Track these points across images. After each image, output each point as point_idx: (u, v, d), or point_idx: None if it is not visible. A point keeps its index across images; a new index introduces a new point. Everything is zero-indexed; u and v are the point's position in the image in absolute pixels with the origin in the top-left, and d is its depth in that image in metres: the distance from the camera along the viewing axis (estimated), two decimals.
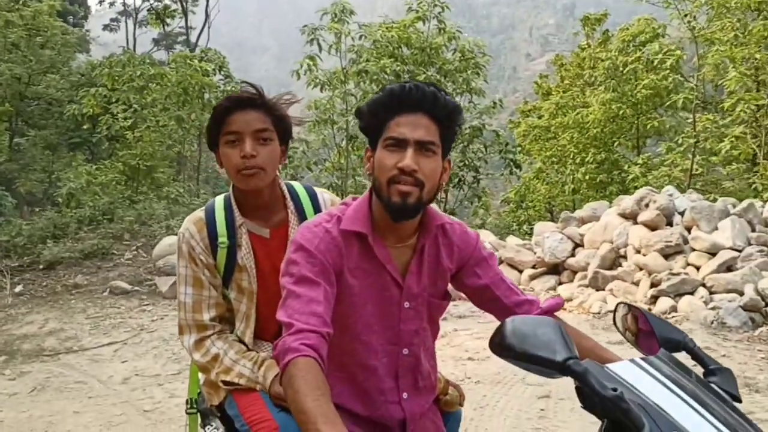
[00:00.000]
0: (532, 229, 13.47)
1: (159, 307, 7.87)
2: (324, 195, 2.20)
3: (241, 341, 2.08)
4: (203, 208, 2.10)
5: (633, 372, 1.35)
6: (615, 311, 1.71)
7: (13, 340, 6.84)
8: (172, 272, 8.44)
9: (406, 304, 1.74)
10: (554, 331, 1.33)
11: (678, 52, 12.96)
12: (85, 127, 17.56)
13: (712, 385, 1.42)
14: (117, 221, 10.55)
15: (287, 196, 2.11)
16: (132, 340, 6.74)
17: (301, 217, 2.09)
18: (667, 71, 13.56)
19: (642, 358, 1.41)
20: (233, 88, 15.00)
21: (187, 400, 2.27)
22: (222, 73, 15.23)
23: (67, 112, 15.56)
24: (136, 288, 8.48)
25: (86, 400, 5.23)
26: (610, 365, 1.35)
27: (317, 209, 2.12)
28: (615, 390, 1.21)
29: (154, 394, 5.31)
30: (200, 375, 2.25)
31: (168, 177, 14.37)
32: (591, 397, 1.29)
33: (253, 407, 1.90)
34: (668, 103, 13.77)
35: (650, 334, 1.58)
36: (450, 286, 1.88)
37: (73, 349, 6.53)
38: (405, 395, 1.79)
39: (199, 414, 2.25)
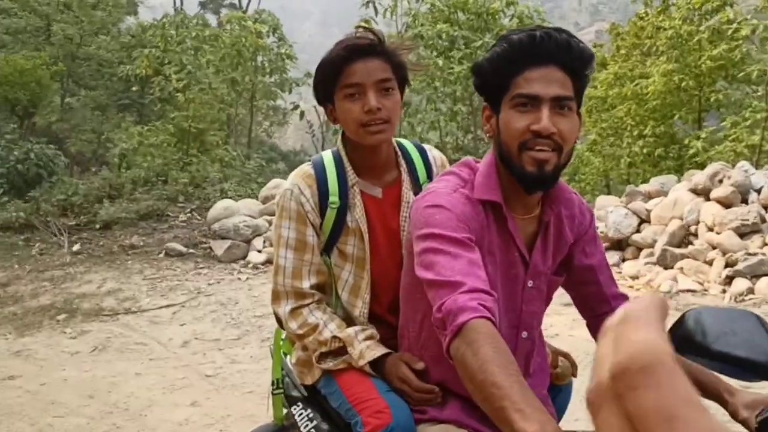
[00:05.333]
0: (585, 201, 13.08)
1: (215, 271, 7.81)
2: (433, 152, 2.00)
3: (344, 314, 1.89)
4: (310, 163, 1.90)
5: None
6: None
7: (73, 298, 6.86)
8: (227, 236, 8.37)
9: (530, 283, 1.54)
10: (756, 327, 1.14)
11: (755, 21, 12.30)
12: (134, 88, 17.60)
13: None
14: (171, 183, 10.52)
15: (399, 153, 1.91)
16: (189, 303, 6.69)
17: (413, 176, 1.89)
18: (740, 41, 12.93)
19: None
20: (287, 51, 14.84)
21: (272, 381, 2.14)
22: (276, 35, 15.03)
23: (121, 73, 15.58)
24: (191, 250, 8.43)
25: (147, 362, 5.20)
26: None
27: (428, 167, 1.93)
28: None
29: (215, 358, 5.25)
30: (286, 355, 2.10)
31: (218, 140, 14.31)
32: None
33: (359, 386, 1.72)
34: (740, 75, 13.15)
35: None
36: None
37: (131, 310, 6.52)
38: None
39: (284, 396, 2.12)
